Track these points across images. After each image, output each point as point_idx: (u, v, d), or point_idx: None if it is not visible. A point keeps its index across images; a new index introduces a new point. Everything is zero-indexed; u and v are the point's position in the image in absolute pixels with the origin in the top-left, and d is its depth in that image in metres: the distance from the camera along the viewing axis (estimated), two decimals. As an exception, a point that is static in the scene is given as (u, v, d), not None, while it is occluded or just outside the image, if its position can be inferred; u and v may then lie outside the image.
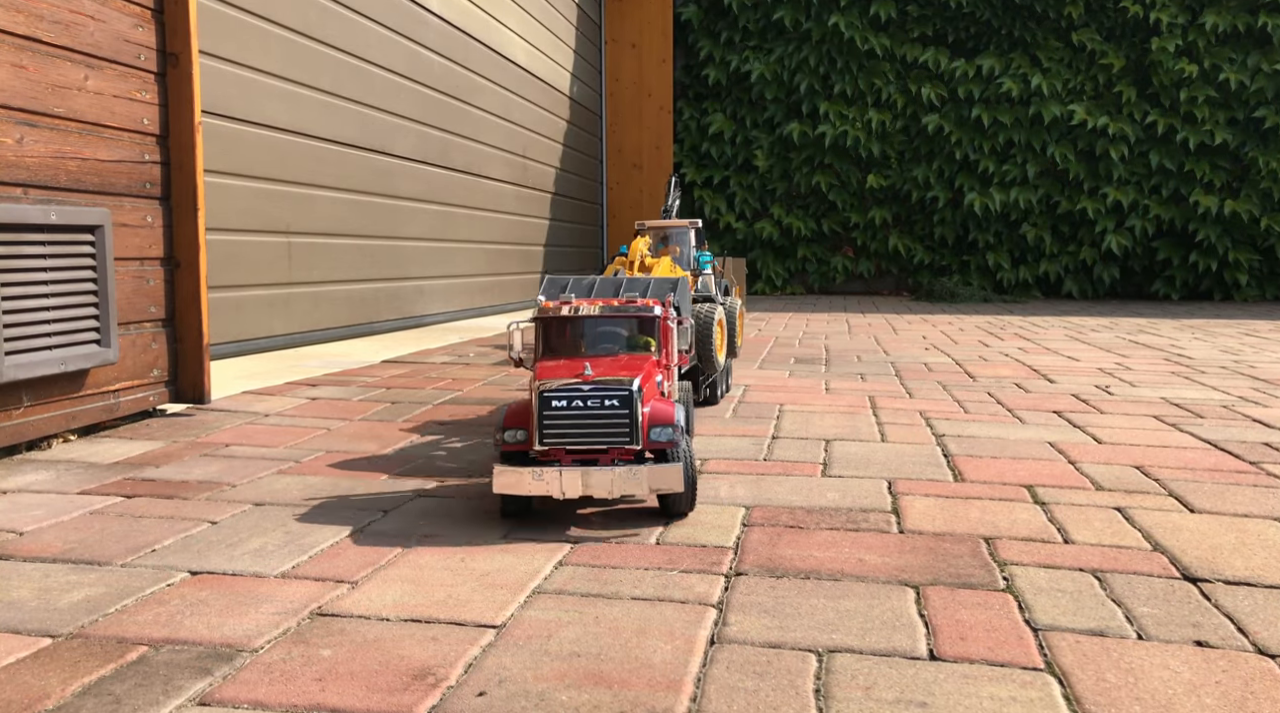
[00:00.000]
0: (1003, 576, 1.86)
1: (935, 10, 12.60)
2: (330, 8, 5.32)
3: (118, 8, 3.13)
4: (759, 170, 12.92)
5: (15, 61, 2.72)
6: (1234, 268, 12.32)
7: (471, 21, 7.41)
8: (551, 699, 1.35)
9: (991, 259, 12.71)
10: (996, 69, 12.39)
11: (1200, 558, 1.96)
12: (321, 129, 5.27)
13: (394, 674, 1.43)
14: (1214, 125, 12.13)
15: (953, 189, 12.71)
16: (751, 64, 12.76)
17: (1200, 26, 12.07)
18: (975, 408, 3.74)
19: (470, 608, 1.69)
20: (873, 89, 12.72)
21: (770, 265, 13.07)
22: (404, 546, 2.04)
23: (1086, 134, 12.38)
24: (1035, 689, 1.39)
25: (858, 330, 7.34)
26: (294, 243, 5.08)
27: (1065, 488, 2.51)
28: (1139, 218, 12.41)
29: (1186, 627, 1.62)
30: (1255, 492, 2.48)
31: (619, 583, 1.80)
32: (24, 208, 2.70)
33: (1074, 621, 1.64)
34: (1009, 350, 5.97)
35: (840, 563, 1.91)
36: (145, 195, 3.28)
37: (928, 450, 2.96)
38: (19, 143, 2.73)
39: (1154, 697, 1.37)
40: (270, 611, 1.68)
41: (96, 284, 3.01)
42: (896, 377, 4.65)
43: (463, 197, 7.39)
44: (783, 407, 3.73)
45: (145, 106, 3.25)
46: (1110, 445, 3.04)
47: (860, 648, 1.52)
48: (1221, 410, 3.70)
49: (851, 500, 2.37)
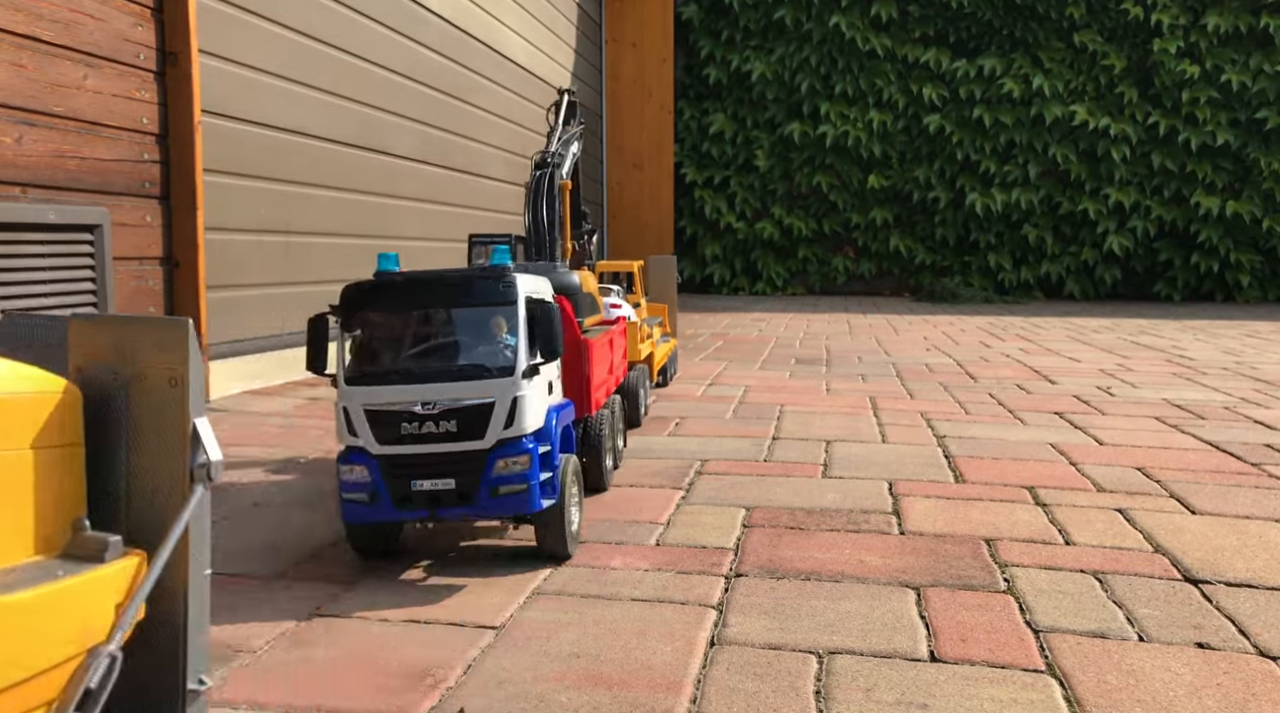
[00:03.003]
0: (1004, 577, 1.85)
1: (936, 10, 12.59)
2: (330, 7, 5.31)
3: (117, 6, 3.12)
4: (760, 170, 12.92)
5: (14, 60, 2.72)
6: (1236, 269, 12.32)
7: (472, 21, 7.41)
8: (551, 700, 1.35)
9: (993, 260, 12.70)
10: (998, 69, 12.39)
11: (1201, 560, 1.95)
12: (321, 128, 5.27)
13: (393, 676, 1.42)
14: (1216, 126, 12.12)
15: (954, 190, 12.70)
16: (752, 64, 12.75)
17: (1202, 27, 12.06)
18: (976, 409, 3.73)
19: (470, 608, 1.68)
20: (874, 89, 12.72)
21: (771, 266, 13.06)
22: (404, 546, 2.04)
23: (1088, 135, 12.37)
24: (1036, 691, 1.39)
25: (859, 331, 7.33)
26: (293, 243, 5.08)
27: (1066, 489, 2.50)
28: (1140, 219, 12.40)
29: (1188, 629, 1.61)
30: (1257, 493, 2.48)
31: (619, 584, 1.80)
32: (23, 207, 2.70)
33: (1075, 622, 1.63)
34: (1010, 351, 5.96)
35: (841, 564, 1.91)
36: (144, 194, 3.27)
37: (929, 452, 2.95)
38: (18, 142, 2.73)
39: (1155, 699, 1.37)
40: (269, 612, 1.67)
41: (95, 283, 3.01)
42: (897, 377, 4.65)
43: (463, 196, 7.39)
44: (783, 408, 3.73)
45: (145, 105, 3.25)
46: (1112, 447, 3.04)
47: (861, 649, 1.52)
48: (1223, 412, 3.70)
49: (852, 502, 2.37)
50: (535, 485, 1.79)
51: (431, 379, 1.76)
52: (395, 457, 1.76)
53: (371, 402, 1.76)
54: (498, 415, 1.76)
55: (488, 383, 1.77)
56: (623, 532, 2.11)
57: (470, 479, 1.76)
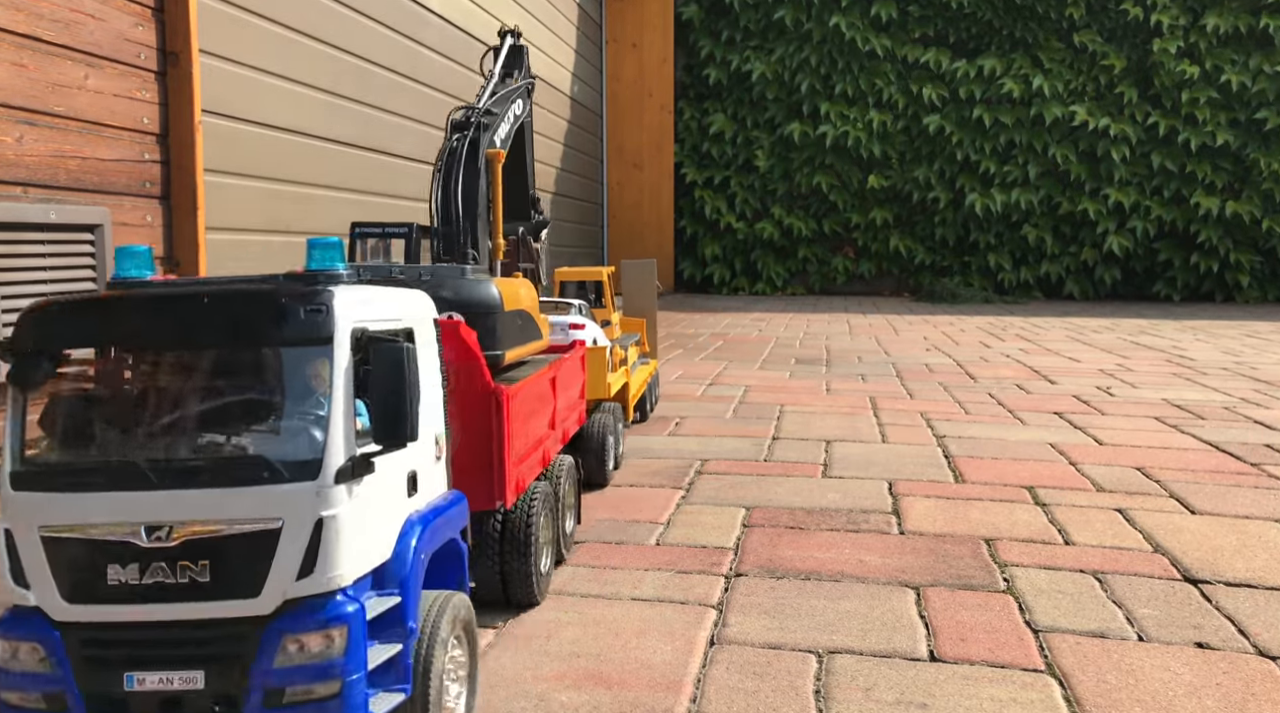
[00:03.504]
0: (1003, 577, 1.85)
1: (936, 10, 12.59)
2: (330, 7, 5.32)
3: (118, 6, 3.12)
4: (760, 170, 12.91)
5: (15, 60, 2.72)
6: (1235, 269, 12.31)
7: (472, 21, 7.41)
8: (551, 700, 1.35)
9: (993, 260, 12.70)
10: (998, 70, 12.38)
11: (1201, 560, 1.95)
12: (322, 128, 5.27)
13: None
14: (1215, 127, 12.12)
15: (954, 190, 12.70)
16: (752, 64, 12.75)
17: (1202, 28, 12.06)
18: (976, 409, 3.73)
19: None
20: (874, 89, 12.72)
21: (771, 266, 13.06)
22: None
23: (1088, 135, 12.36)
24: (1036, 691, 1.39)
25: (859, 331, 7.33)
26: (294, 243, 5.09)
27: (1066, 489, 2.50)
28: (1140, 219, 12.40)
29: (1187, 628, 1.61)
30: (1256, 493, 2.48)
31: (619, 584, 1.80)
32: (24, 207, 2.70)
33: (1075, 622, 1.64)
34: (1010, 351, 5.96)
35: (841, 564, 1.91)
36: (145, 194, 3.28)
37: (928, 451, 2.95)
38: (19, 142, 2.73)
39: (1154, 698, 1.37)
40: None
41: (96, 283, 3.01)
42: (897, 377, 4.65)
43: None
44: (783, 407, 3.73)
45: (145, 105, 3.25)
46: (1111, 447, 3.04)
47: (860, 649, 1.52)
48: (1223, 412, 3.70)
49: (852, 501, 2.37)
50: (355, 685, 1.04)
51: (166, 483, 1.03)
52: (97, 627, 1.04)
53: (56, 523, 1.03)
54: (286, 553, 1.03)
55: (266, 493, 1.03)
56: (623, 532, 2.11)
57: (231, 674, 1.03)
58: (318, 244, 1.17)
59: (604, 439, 2.46)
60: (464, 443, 1.49)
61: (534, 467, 1.78)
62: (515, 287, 1.96)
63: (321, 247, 1.17)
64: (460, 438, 1.47)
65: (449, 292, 1.69)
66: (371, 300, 1.16)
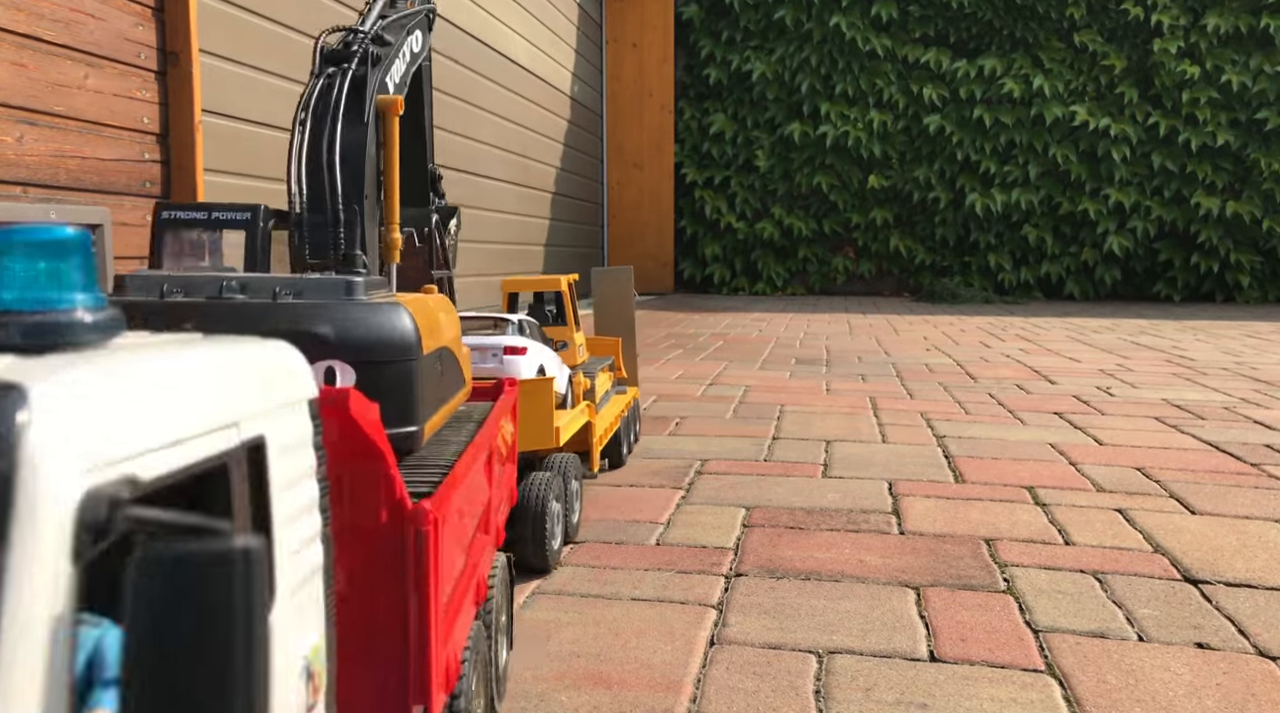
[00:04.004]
0: (1003, 577, 1.85)
1: (937, 11, 12.59)
2: (331, 8, 5.32)
3: (118, 6, 3.12)
4: (760, 170, 12.92)
5: (15, 60, 2.72)
6: (1236, 269, 12.32)
7: (472, 21, 7.41)
8: (551, 700, 1.35)
9: (993, 260, 12.70)
10: (998, 70, 12.39)
11: (1201, 560, 1.95)
12: (322, 128, 5.28)
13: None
14: (1216, 127, 12.12)
15: (954, 190, 12.71)
16: (753, 64, 12.75)
17: (1202, 28, 12.06)
18: (976, 409, 3.73)
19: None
20: (874, 89, 12.72)
21: (771, 266, 13.07)
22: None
23: (1088, 135, 12.37)
24: (1036, 691, 1.39)
25: (859, 331, 7.33)
26: (294, 242, 5.09)
27: (1066, 489, 2.50)
28: (1141, 219, 12.40)
29: (1187, 629, 1.61)
30: (1256, 494, 2.48)
31: (619, 584, 1.80)
32: (24, 206, 2.70)
33: (1075, 622, 1.64)
34: (1010, 351, 5.96)
35: (840, 564, 1.91)
36: (145, 194, 3.28)
37: (928, 452, 2.95)
38: (19, 141, 2.73)
39: (1155, 699, 1.37)
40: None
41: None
42: (897, 378, 4.65)
43: (462, 196, 7.39)
44: (783, 407, 3.73)
45: (145, 105, 3.25)
46: (1111, 447, 3.04)
47: (860, 649, 1.52)
48: (1223, 412, 3.70)
49: (852, 502, 2.37)
50: None
51: None
52: None
53: None
54: None
55: None
56: (623, 532, 2.11)
57: None
58: (19, 240, 0.47)
59: (543, 509, 1.79)
60: (355, 607, 0.84)
61: (466, 623, 1.09)
62: (432, 311, 1.23)
63: (32, 247, 0.48)
64: (347, 596, 0.82)
65: (327, 326, 1.04)
66: (147, 395, 0.46)
